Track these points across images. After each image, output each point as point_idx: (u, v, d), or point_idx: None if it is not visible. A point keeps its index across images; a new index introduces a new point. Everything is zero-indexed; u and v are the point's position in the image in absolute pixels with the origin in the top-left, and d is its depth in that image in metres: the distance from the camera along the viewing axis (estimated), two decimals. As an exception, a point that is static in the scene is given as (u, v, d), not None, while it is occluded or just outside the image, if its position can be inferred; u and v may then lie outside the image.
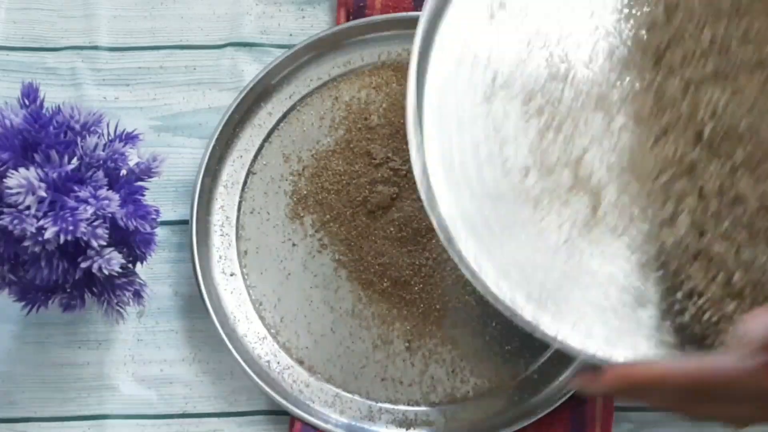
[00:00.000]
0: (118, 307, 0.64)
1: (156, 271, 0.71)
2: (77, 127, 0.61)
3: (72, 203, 0.58)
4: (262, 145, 0.73)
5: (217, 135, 0.71)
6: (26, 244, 0.58)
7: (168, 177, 0.71)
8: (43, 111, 0.61)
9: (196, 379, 0.69)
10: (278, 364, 0.69)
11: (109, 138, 0.63)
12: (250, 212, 0.72)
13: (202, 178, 0.70)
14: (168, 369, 0.69)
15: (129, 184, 0.62)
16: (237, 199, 0.72)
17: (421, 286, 0.69)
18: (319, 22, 0.76)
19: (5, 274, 0.62)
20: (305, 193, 0.71)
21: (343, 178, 0.71)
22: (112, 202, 0.59)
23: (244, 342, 0.69)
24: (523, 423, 0.66)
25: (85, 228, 0.58)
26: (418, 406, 0.68)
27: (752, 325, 0.49)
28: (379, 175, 0.70)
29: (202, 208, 0.70)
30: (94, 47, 0.75)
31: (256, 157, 0.72)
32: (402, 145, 0.71)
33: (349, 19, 0.74)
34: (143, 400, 0.69)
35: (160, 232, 0.70)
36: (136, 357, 0.70)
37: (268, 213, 0.72)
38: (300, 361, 0.69)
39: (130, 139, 0.63)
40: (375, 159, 0.71)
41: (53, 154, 0.59)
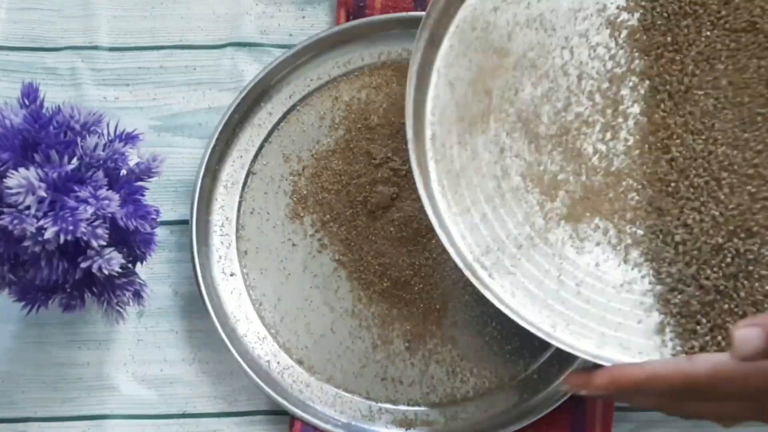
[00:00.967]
0: (118, 307, 0.64)
1: (156, 271, 0.71)
2: (77, 127, 0.61)
3: (72, 203, 0.58)
4: (262, 145, 0.73)
5: (217, 135, 0.71)
6: (26, 244, 0.58)
7: (168, 177, 0.71)
8: (43, 111, 0.61)
9: (196, 379, 0.69)
10: (278, 364, 0.69)
11: (109, 138, 0.63)
12: (250, 212, 0.72)
13: (202, 178, 0.70)
14: (168, 369, 0.69)
15: (129, 184, 0.62)
16: (237, 199, 0.72)
17: (421, 286, 0.69)
18: (319, 22, 0.76)
19: (5, 274, 0.62)
20: (305, 193, 0.71)
21: (343, 178, 0.71)
22: (112, 202, 0.59)
23: (244, 342, 0.69)
24: (523, 423, 0.66)
25: (85, 228, 0.58)
26: (418, 406, 0.68)
27: (744, 331, 0.50)
28: (379, 175, 0.70)
29: (202, 208, 0.70)
30: (94, 47, 0.75)
31: (256, 157, 0.72)
32: (402, 145, 0.71)
33: (349, 19, 0.74)
34: (143, 400, 0.69)
35: (160, 232, 0.70)
36: (136, 357, 0.70)
37: (268, 213, 0.72)
38: (300, 361, 0.69)
39: (130, 139, 0.63)
40: (375, 159, 0.71)
41: (53, 154, 0.59)
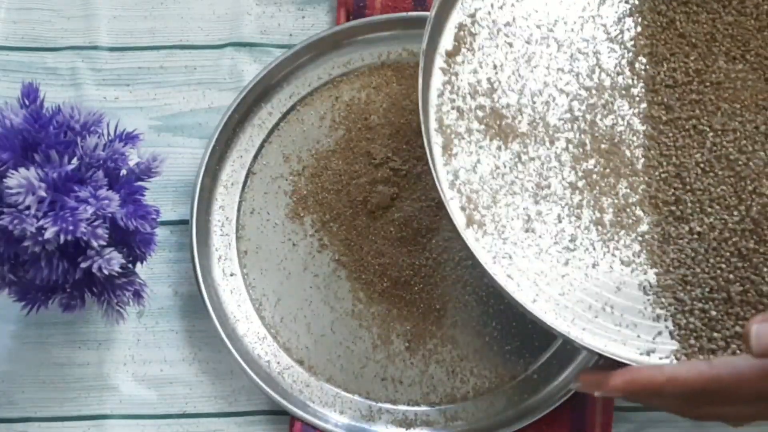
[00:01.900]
0: (118, 307, 0.63)
1: (156, 271, 0.71)
2: (77, 127, 0.61)
3: (72, 203, 0.58)
4: (262, 145, 0.73)
5: (217, 135, 0.71)
6: (26, 244, 0.58)
7: (168, 177, 0.71)
8: (43, 111, 0.61)
9: (196, 379, 0.69)
10: (278, 364, 0.69)
11: (109, 138, 0.63)
12: (250, 212, 0.72)
13: (202, 178, 0.70)
14: (168, 369, 0.69)
15: (129, 184, 0.62)
16: (237, 199, 0.72)
17: (421, 286, 0.69)
18: (319, 22, 0.76)
19: (5, 274, 0.61)
20: (305, 193, 0.71)
21: (343, 178, 0.71)
22: (112, 202, 0.59)
23: (244, 342, 0.69)
24: (523, 423, 0.66)
25: (85, 228, 0.58)
26: (418, 406, 0.68)
27: (760, 326, 0.49)
28: (379, 175, 0.70)
29: (202, 208, 0.70)
30: (94, 47, 0.75)
31: (256, 157, 0.72)
32: (402, 145, 0.71)
33: (349, 19, 0.74)
34: (143, 400, 0.69)
35: (160, 232, 0.70)
36: (136, 357, 0.70)
37: (268, 213, 0.72)
38: (300, 361, 0.69)
39: (130, 139, 0.63)
40: (375, 159, 0.71)
41: (53, 154, 0.59)
